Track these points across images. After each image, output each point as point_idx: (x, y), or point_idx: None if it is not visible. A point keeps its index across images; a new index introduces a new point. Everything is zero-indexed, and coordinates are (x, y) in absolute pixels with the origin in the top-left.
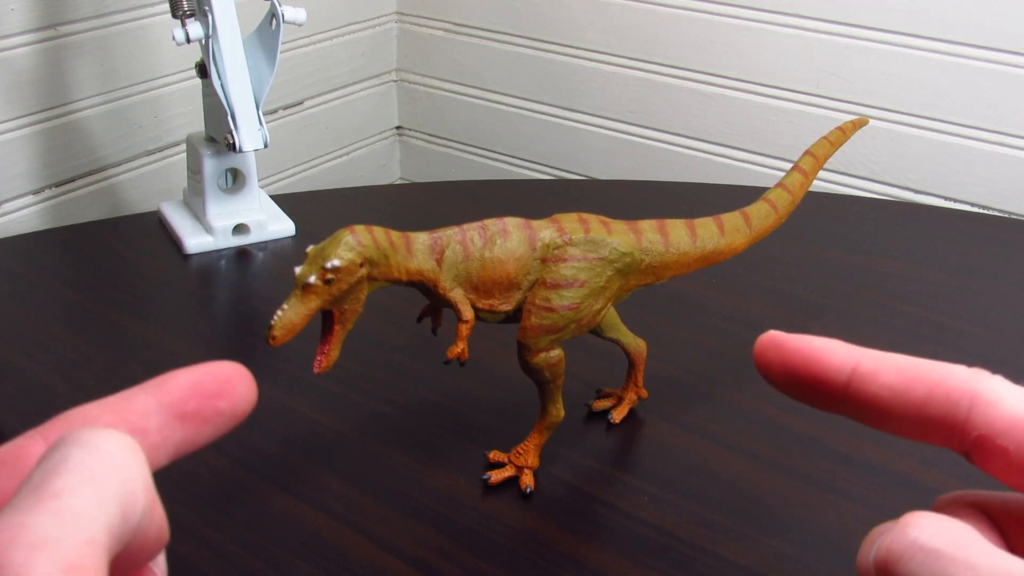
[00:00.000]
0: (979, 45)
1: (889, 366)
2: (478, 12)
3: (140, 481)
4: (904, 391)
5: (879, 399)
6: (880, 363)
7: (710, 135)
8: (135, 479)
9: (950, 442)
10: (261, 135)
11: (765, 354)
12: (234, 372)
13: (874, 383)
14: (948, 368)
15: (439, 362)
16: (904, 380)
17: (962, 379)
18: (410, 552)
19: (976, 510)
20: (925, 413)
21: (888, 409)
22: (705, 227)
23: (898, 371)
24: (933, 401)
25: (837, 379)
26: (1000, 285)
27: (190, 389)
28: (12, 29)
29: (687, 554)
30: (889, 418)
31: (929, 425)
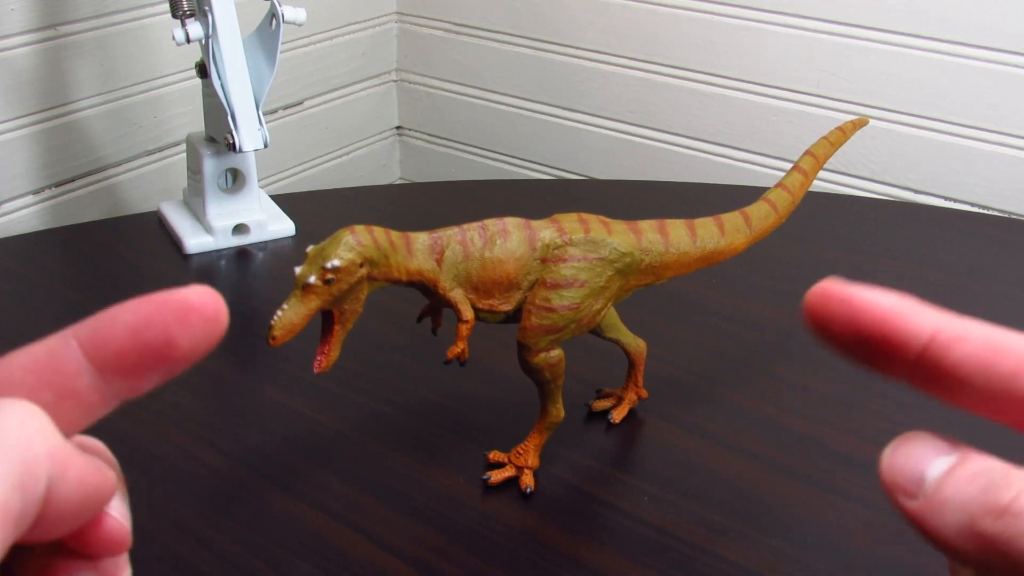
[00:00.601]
0: (979, 45)
1: (975, 335)
2: (478, 12)
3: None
4: (991, 363)
5: (960, 369)
6: (966, 331)
7: (710, 135)
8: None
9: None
10: (261, 135)
11: (827, 306)
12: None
13: (957, 351)
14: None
15: (439, 362)
16: (991, 352)
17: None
18: (410, 552)
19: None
20: (1011, 388)
21: (969, 380)
22: (705, 227)
23: (985, 342)
24: (1019, 379)
25: (914, 344)
26: (1000, 285)
27: (130, 340)
28: (12, 29)
29: (687, 554)
30: (967, 390)
31: (1012, 402)
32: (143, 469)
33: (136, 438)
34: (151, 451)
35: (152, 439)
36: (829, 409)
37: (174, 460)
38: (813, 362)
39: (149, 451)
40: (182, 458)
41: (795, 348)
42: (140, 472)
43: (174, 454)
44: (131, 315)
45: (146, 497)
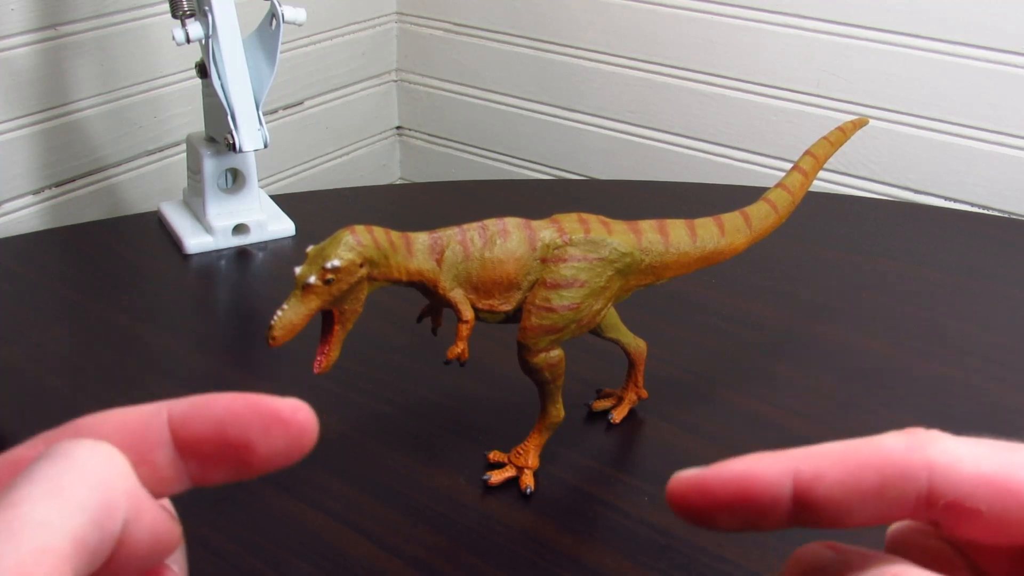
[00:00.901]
0: (979, 45)
1: (830, 460)
2: (478, 12)
3: (119, 490)
4: (855, 483)
5: (830, 499)
6: (819, 461)
7: (710, 135)
8: (111, 488)
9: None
10: (261, 135)
11: (686, 499)
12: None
13: (821, 485)
14: (886, 442)
15: (439, 362)
16: (850, 471)
17: (909, 449)
18: (410, 552)
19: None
20: (884, 498)
21: (844, 506)
22: (705, 227)
23: (841, 463)
24: (888, 483)
25: (782, 495)
26: (1000, 285)
27: (213, 431)
28: (12, 29)
29: (687, 554)
30: (844, 515)
31: (891, 508)
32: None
33: None
34: None
35: None
36: (829, 409)
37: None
38: (813, 362)
39: None
40: None
41: (795, 348)
42: None
43: None
44: (222, 408)
45: None
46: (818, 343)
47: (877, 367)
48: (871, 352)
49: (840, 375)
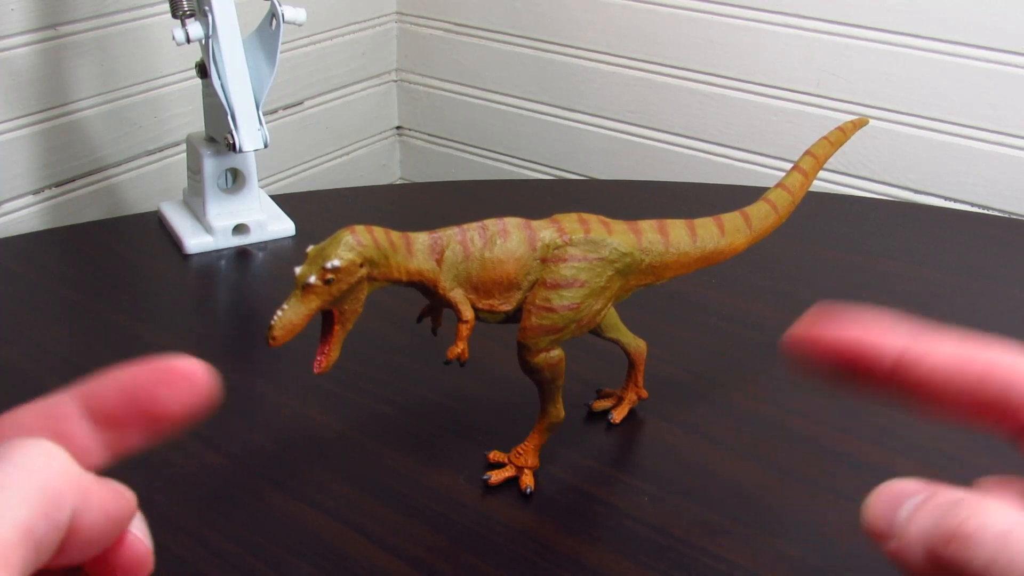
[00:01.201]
0: (979, 45)
1: (941, 347)
2: (478, 12)
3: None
4: (957, 374)
5: (930, 382)
6: (932, 344)
7: (710, 135)
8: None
9: (999, 427)
10: (261, 135)
11: (808, 346)
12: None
13: (926, 364)
14: (1001, 352)
15: (439, 362)
16: (958, 362)
17: (1016, 363)
18: (410, 552)
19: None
20: (977, 396)
21: (940, 391)
22: (705, 227)
23: (952, 352)
24: (987, 384)
25: (885, 362)
26: (1000, 285)
27: (117, 397)
28: (12, 29)
29: (687, 554)
30: (939, 401)
31: (980, 408)
32: (142, 469)
33: None
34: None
35: None
36: (829, 409)
37: (173, 459)
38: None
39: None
40: (181, 457)
41: None
42: (139, 472)
43: (173, 453)
44: (123, 375)
45: (145, 497)
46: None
47: None
48: None
49: None
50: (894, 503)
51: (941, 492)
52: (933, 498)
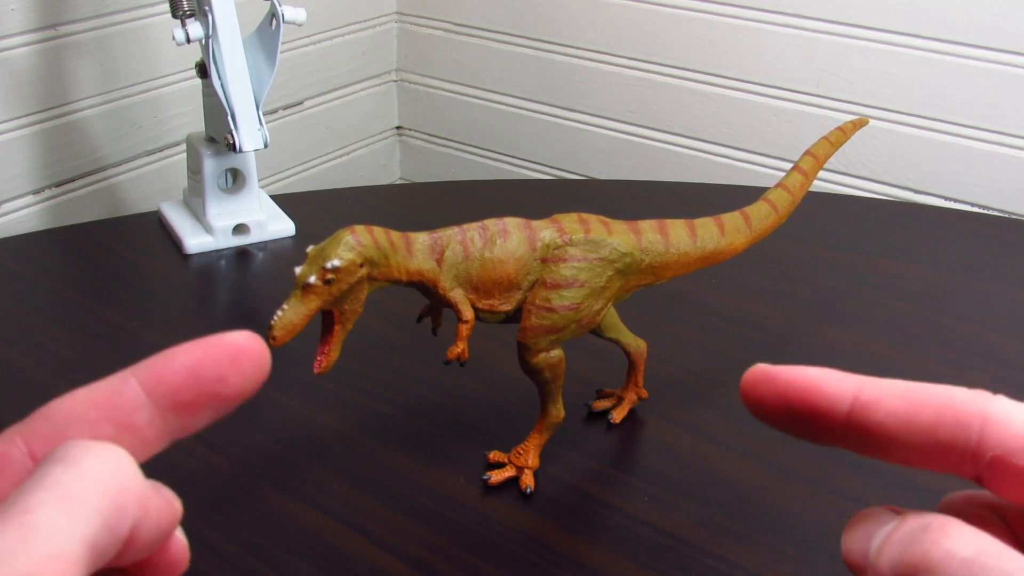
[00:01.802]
0: (979, 45)
1: (893, 392)
2: (478, 12)
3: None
4: (911, 417)
5: (884, 427)
6: (883, 389)
7: (710, 135)
8: (121, 492)
9: (960, 467)
10: (261, 135)
11: (755, 389)
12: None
13: (878, 410)
14: (952, 390)
15: (439, 362)
16: (910, 405)
17: (969, 400)
18: (410, 552)
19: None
20: (934, 438)
21: (894, 437)
22: (705, 227)
23: (903, 396)
24: (942, 425)
25: (838, 409)
26: (1000, 285)
27: (186, 378)
28: (12, 29)
29: (687, 554)
30: (895, 446)
31: (939, 450)
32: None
33: None
34: None
35: None
36: None
37: (173, 459)
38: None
39: None
40: (181, 457)
41: (795, 348)
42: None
43: (173, 453)
44: (187, 355)
45: None
46: (818, 343)
47: (877, 367)
48: (871, 352)
49: None
50: (866, 533)
51: (909, 519)
52: (901, 526)
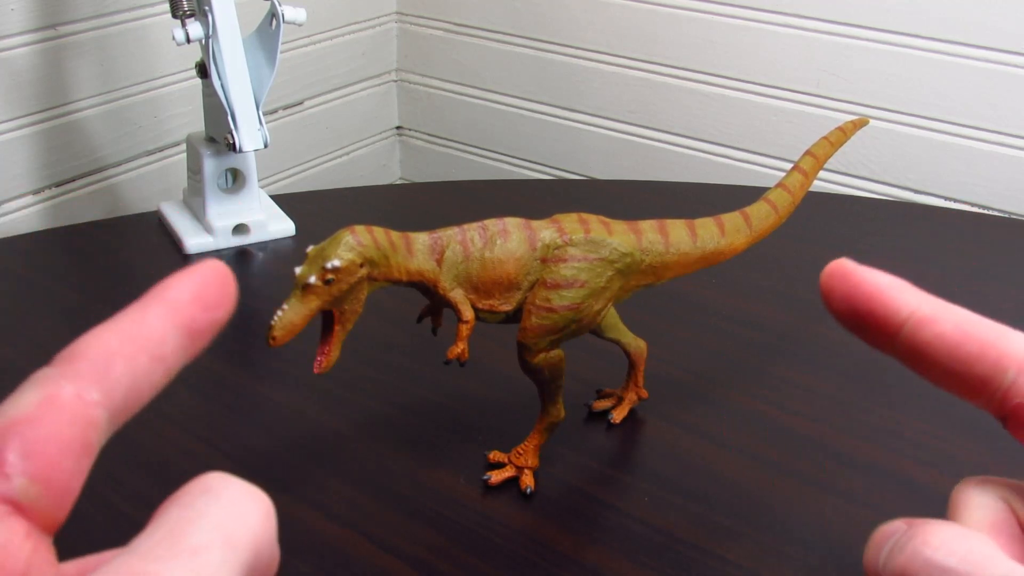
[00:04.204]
0: (979, 45)
1: (948, 317)
2: (478, 12)
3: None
4: (957, 344)
5: (931, 347)
6: (940, 312)
7: (710, 135)
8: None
9: (990, 404)
10: (261, 135)
11: (830, 282)
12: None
13: (929, 330)
14: (1006, 333)
15: (439, 362)
16: (959, 334)
17: (1018, 346)
18: (410, 552)
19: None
20: (972, 371)
21: (938, 359)
22: (705, 227)
23: (956, 324)
24: (982, 361)
25: (895, 319)
26: (1000, 285)
27: (196, 304)
28: (12, 29)
29: (687, 554)
30: (937, 368)
31: (974, 383)
32: (143, 469)
33: (136, 438)
34: (151, 451)
35: (152, 439)
36: (829, 409)
37: (174, 460)
38: (813, 362)
39: (149, 451)
40: (182, 458)
41: (795, 348)
42: (140, 472)
43: (174, 454)
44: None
45: (145, 497)
46: (818, 343)
47: (877, 367)
48: (871, 352)
49: (840, 375)
50: (879, 545)
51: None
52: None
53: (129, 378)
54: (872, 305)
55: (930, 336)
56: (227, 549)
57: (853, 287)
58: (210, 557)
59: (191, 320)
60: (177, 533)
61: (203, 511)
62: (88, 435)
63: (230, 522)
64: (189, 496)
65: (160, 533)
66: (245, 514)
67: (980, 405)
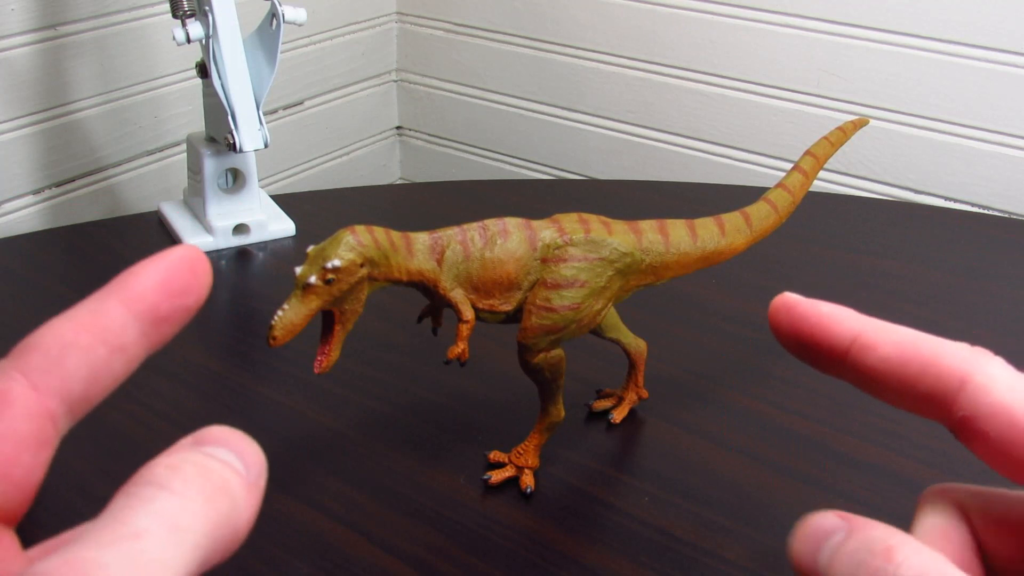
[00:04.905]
0: (979, 45)
1: (888, 339)
2: (478, 12)
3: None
4: (899, 365)
5: (877, 371)
6: (880, 335)
7: (710, 135)
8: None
9: (941, 418)
10: (261, 135)
11: (777, 315)
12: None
13: (873, 355)
14: (946, 346)
15: (439, 362)
16: (900, 354)
17: (958, 359)
18: (410, 552)
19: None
20: (917, 390)
21: (884, 381)
22: (705, 227)
23: (896, 345)
24: (925, 378)
25: (839, 346)
26: (1000, 285)
27: (160, 292)
28: (12, 29)
29: (687, 554)
30: (884, 389)
31: (920, 401)
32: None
33: (135, 438)
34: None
35: (152, 439)
36: (829, 409)
37: None
38: None
39: (148, 451)
40: None
41: None
42: None
43: None
44: (155, 271)
45: None
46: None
47: None
48: None
49: None
50: (816, 542)
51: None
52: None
53: (86, 369)
54: (816, 334)
55: (874, 360)
56: (171, 532)
57: (797, 319)
58: (152, 541)
59: (154, 308)
60: (120, 519)
61: (147, 497)
62: (45, 429)
63: (174, 506)
64: (135, 486)
65: (103, 520)
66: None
67: (931, 418)
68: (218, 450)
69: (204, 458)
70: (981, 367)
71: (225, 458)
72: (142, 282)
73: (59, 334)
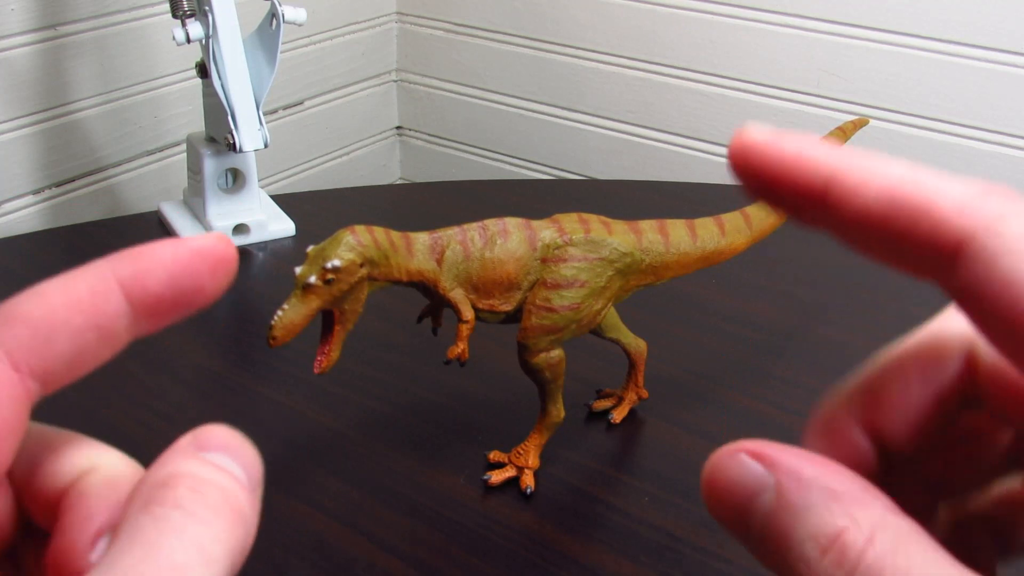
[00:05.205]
0: (979, 45)
1: (872, 183)
2: (478, 12)
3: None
4: (885, 216)
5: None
6: (862, 177)
7: (710, 135)
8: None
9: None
10: (261, 135)
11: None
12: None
13: (852, 203)
14: (944, 190)
15: (439, 362)
16: (887, 202)
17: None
18: (410, 552)
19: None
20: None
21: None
22: (705, 227)
23: (881, 190)
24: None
25: (812, 191)
26: None
27: (168, 286)
28: (12, 29)
29: (687, 554)
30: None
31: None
32: None
33: (136, 438)
34: (151, 451)
35: (152, 439)
36: None
37: None
38: (813, 362)
39: (149, 451)
40: None
41: (795, 348)
42: None
43: None
44: (167, 261)
45: None
46: (818, 343)
47: None
48: (871, 352)
49: (840, 375)
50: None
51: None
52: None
53: (72, 353)
54: (781, 178)
55: (855, 209)
56: (207, 564)
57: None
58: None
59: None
60: (157, 549)
61: (178, 526)
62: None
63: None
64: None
65: (139, 550)
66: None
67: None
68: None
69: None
70: (988, 222)
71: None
72: (153, 272)
73: (51, 310)
